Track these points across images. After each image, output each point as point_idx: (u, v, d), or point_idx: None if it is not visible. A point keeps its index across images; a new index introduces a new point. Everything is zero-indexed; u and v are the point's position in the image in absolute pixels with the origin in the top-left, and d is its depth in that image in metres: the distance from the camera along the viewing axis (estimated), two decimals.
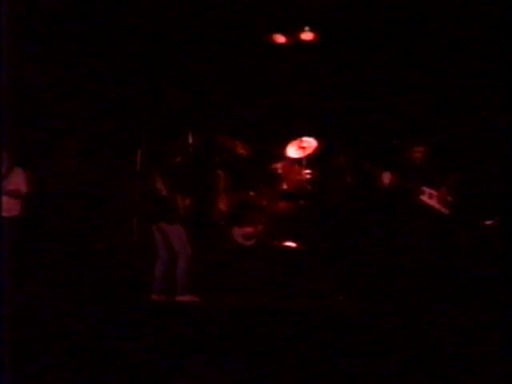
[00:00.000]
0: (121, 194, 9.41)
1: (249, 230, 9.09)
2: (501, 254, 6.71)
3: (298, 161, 9.33)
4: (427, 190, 7.21)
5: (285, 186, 9.29)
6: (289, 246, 9.03)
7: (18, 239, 8.17)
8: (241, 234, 9.05)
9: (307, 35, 9.74)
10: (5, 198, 7.92)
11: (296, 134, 9.31)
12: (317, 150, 9.16)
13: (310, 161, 9.17)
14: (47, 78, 9.80)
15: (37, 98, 9.57)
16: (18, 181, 8.30)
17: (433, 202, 7.16)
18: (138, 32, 9.76)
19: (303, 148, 9.21)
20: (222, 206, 9.28)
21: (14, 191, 8.20)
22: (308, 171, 9.10)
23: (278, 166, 9.40)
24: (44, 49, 9.75)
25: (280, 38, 9.88)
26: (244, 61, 9.85)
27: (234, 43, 9.77)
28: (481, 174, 7.12)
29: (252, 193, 9.25)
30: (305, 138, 9.22)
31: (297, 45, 9.80)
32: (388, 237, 7.61)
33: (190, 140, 9.08)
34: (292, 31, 9.76)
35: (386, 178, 7.27)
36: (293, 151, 9.32)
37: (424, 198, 7.20)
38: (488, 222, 7.13)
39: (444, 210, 7.12)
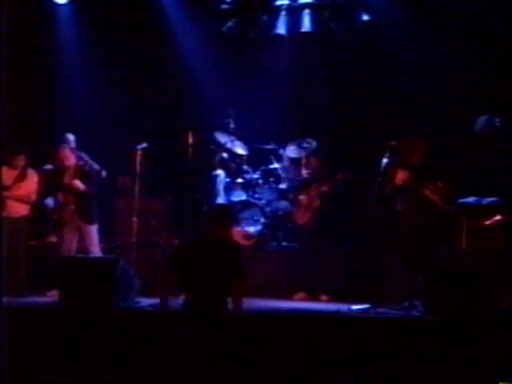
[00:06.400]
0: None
1: (249, 229, 9.09)
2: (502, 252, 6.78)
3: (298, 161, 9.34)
4: (430, 185, 7.20)
5: (284, 186, 9.30)
6: (289, 246, 9.04)
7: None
8: (241, 234, 9.03)
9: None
10: (14, 201, 7.90)
11: (296, 134, 9.32)
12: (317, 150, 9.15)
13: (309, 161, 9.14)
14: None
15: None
16: (29, 185, 8.20)
17: (436, 198, 7.16)
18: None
19: (303, 148, 9.21)
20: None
21: (23, 196, 8.10)
22: (308, 171, 9.08)
23: (278, 166, 9.42)
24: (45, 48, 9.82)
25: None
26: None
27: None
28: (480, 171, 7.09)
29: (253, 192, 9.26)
30: (305, 138, 9.22)
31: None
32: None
33: (190, 140, 9.10)
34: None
35: (402, 176, 7.25)
36: (293, 151, 9.33)
37: (427, 193, 7.19)
38: (488, 222, 7.10)
39: (446, 206, 7.12)
